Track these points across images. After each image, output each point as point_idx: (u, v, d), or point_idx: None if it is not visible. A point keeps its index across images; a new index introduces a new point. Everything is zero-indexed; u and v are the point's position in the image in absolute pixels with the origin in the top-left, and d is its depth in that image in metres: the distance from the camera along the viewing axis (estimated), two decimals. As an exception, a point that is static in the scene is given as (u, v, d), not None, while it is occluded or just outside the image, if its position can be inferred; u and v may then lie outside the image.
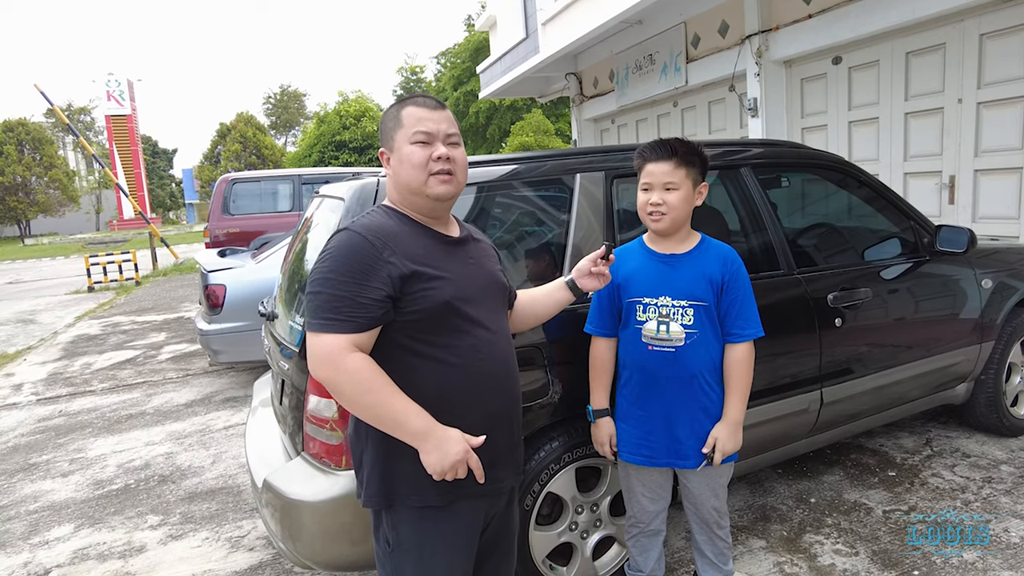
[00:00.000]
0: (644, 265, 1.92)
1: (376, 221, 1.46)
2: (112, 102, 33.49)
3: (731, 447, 1.87)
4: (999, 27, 4.78)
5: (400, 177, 1.48)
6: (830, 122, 6.37)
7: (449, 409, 1.43)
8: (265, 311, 2.84)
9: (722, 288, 1.87)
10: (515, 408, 1.58)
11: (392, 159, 1.50)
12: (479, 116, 25.69)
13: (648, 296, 1.88)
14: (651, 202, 1.84)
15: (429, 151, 1.45)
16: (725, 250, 1.93)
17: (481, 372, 1.47)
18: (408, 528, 1.46)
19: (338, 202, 2.22)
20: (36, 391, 5.68)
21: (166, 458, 3.94)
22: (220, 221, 8.57)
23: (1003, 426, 3.28)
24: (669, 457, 1.91)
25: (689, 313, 1.85)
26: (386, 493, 1.45)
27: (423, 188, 1.45)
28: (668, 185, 1.83)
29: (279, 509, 1.98)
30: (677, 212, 1.84)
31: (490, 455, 1.48)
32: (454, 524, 1.48)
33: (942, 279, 2.99)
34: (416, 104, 1.48)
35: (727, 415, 1.88)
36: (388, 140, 1.51)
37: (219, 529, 3.04)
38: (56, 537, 3.08)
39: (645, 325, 1.88)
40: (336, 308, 1.34)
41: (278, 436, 2.45)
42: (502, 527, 1.64)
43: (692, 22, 7.72)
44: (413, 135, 1.45)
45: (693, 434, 1.89)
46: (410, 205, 1.50)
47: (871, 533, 2.60)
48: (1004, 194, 4.92)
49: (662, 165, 1.83)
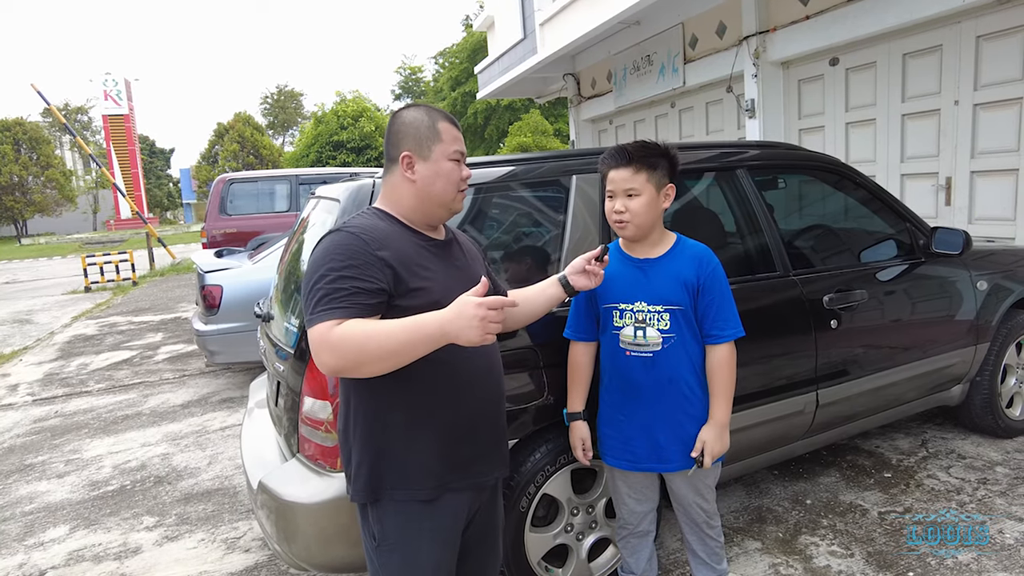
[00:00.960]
0: (619, 270, 1.90)
1: (368, 222, 1.48)
2: (109, 102, 33.49)
3: (719, 449, 1.86)
4: (996, 29, 4.79)
5: (431, 187, 1.51)
6: (827, 123, 6.39)
7: (435, 404, 1.47)
8: (261, 312, 2.84)
9: (698, 290, 1.85)
10: (499, 404, 1.61)
11: (423, 168, 1.51)
12: (477, 116, 25.69)
13: (624, 301, 1.87)
14: (615, 210, 1.83)
15: (460, 171, 1.54)
16: (700, 251, 1.89)
17: (466, 369, 1.50)
18: (394, 522, 1.48)
19: (334, 203, 2.22)
20: (32, 392, 5.67)
21: (162, 459, 3.93)
22: (217, 221, 8.55)
23: (998, 427, 3.29)
24: (651, 462, 1.90)
25: (665, 318, 1.84)
26: (372, 487, 1.47)
27: (450, 203, 1.54)
28: (629, 191, 1.81)
29: (274, 511, 1.98)
30: (641, 218, 1.82)
31: (474, 449, 1.52)
32: (439, 518, 1.49)
33: (938, 281, 2.99)
34: (448, 121, 1.55)
35: (713, 417, 1.87)
36: (422, 148, 1.51)
37: (215, 530, 3.03)
38: (51, 538, 3.07)
39: (622, 331, 1.87)
40: (331, 299, 1.34)
41: (274, 438, 2.45)
42: (487, 521, 1.65)
43: (690, 23, 7.73)
44: (453, 153, 1.52)
45: (675, 438, 1.87)
46: (424, 212, 1.53)
47: (866, 534, 2.60)
48: (1000, 196, 4.93)
49: (621, 171, 1.82)
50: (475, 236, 2.17)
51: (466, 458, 1.51)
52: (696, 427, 1.87)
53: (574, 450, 2.01)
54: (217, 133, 36.41)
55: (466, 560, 1.62)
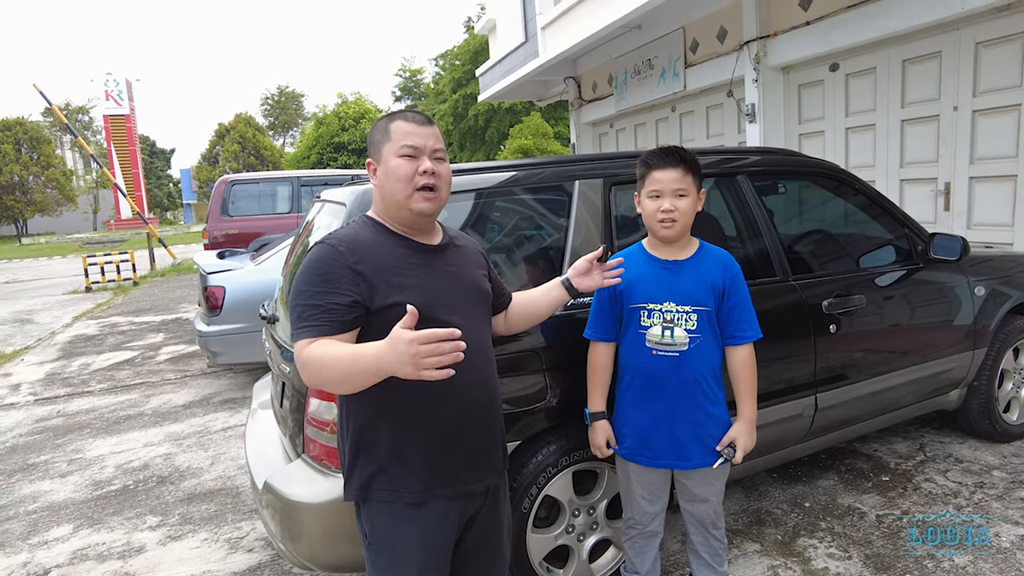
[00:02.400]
0: (647, 271, 1.95)
1: (351, 232, 1.51)
2: (110, 102, 33.52)
3: (750, 445, 1.94)
4: (994, 36, 4.83)
5: (385, 189, 1.51)
6: (827, 128, 6.42)
7: (418, 412, 1.47)
8: (266, 314, 2.86)
9: (723, 293, 1.92)
10: (489, 410, 1.58)
11: (379, 171, 1.53)
12: (479, 118, 25.73)
13: (652, 302, 1.92)
14: (663, 209, 1.87)
15: (415, 165, 1.48)
16: (724, 255, 1.97)
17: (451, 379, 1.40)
18: (382, 523, 1.50)
19: (339, 207, 2.25)
20: (34, 391, 5.69)
21: (165, 459, 3.96)
22: (219, 222, 8.58)
23: (995, 432, 3.31)
24: (671, 459, 1.95)
25: (693, 318, 1.89)
26: (362, 487, 1.50)
27: (407, 202, 1.49)
28: (679, 192, 1.87)
29: (279, 510, 2.00)
30: (687, 218, 1.89)
31: (461, 457, 1.52)
32: (426, 524, 1.50)
33: (936, 286, 3.02)
34: (405, 119, 1.52)
35: (743, 415, 1.95)
36: (376, 151, 1.54)
37: (218, 530, 3.06)
38: (55, 537, 3.09)
39: (649, 330, 1.91)
40: (308, 316, 1.39)
41: (278, 438, 2.47)
42: (489, 526, 1.64)
43: (691, 27, 7.77)
44: (400, 148, 1.48)
45: (695, 435, 1.93)
46: (393, 217, 1.54)
47: (864, 537, 2.63)
48: (999, 201, 4.96)
49: (671, 172, 1.87)
50: (478, 240, 2.19)
51: (452, 465, 1.51)
52: (714, 425, 1.94)
53: (597, 449, 2.03)
54: (218, 133, 36.45)
55: (467, 565, 1.63)
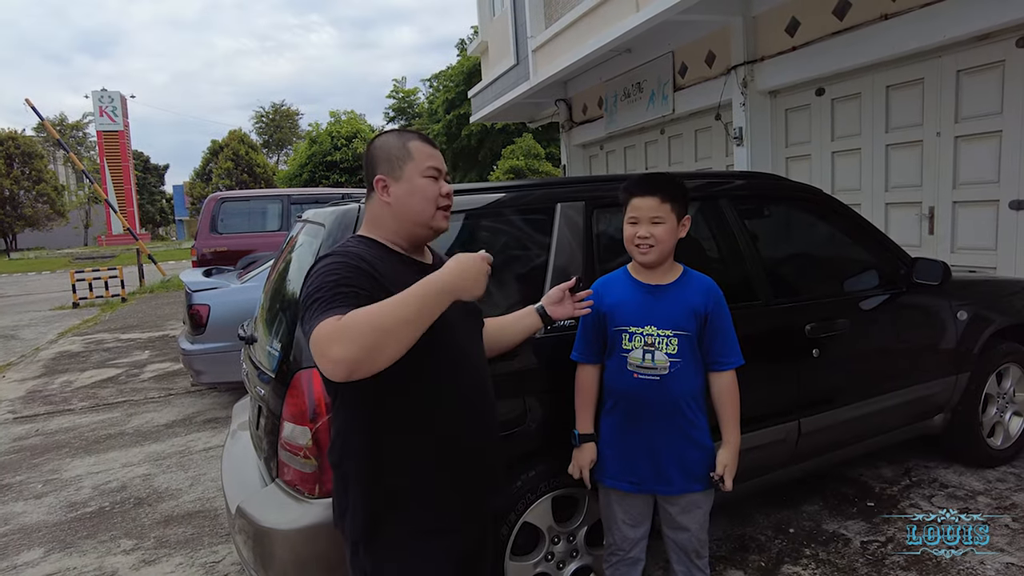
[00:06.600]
0: (630, 295, 1.95)
1: (355, 249, 1.47)
2: (104, 118, 33.50)
3: (736, 470, 1.93)
4: (975, 64, 4.91)
5: (408, 207, 1.49)
6: (814, 152, 6.48)
7: (431, 428, 1.44)
8: (245, 335, 2.83)
9: (706, 318, 1.92)
10: (494, 423, 1.60)
11: (397, 189, 1.49)
12: (471, 139, 25.90)
13: (634, 325, 1.92)
14: (639, 235, 1.89)
15: (438, 187, 1.50)
16: (707, 282, 1.98)
17: (466, 384, 1.50)
18: (393, 564, 1.43)
19: (319, 227, 2.23)
20: (13, 409, 5.59)
21: (143, 480, 3.88)
22: (208, 239, 8.55)
23: (980, 457, 3.31)
24: (654, 484, 1.93)
25: (674, 342, 1.89)
26: (372, 521, 1.42)
27: (430, 221, 1.50)
28: (655, 219, 1.88)
29: (252, 536, 1.96)
30: (664, 245, 1.89)
31: (483, 473, 1.53)
32: (438, 559, 1.45)
33: (919, 310, 3.03)
34: (422, 140, 1.53)
35: (728, 441, 1.94)
36: (394, 169, 1.50)
37: (194, 554, 2.99)
38: (25, 562, 3.01)
39: (631, 354, 1.91)
40: (332, 301, 1.29)
41: (254, 461, 2.43)
42: (477, 554, 1.60)
43: (680, 52, 7.87)
44: (426, 169, 1.49)
45: (677, 461, 1.91)
46: (405, 235, 1.52)
47: (849, 564, 2.60)
48: (982, 225, 5.01)
49: (648, 200, 1.88)
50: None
51: (476, 483, 1.49)
52: (696, 451, 1.92)
53: (580, 470, 2.00)
54: (211, 150, 36.49)
55: None
